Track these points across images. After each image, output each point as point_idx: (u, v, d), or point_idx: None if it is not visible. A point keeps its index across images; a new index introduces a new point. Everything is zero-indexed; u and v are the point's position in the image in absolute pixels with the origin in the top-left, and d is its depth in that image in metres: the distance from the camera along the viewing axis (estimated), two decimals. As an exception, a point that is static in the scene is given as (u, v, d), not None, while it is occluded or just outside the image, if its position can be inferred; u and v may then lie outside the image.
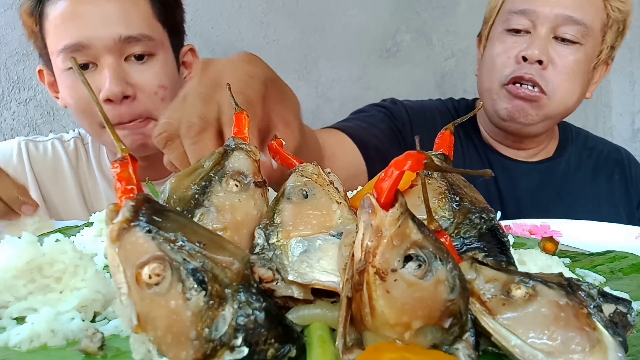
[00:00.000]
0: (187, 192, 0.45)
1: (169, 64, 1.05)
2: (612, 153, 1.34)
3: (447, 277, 0.34)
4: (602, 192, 1.28)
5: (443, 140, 0.54)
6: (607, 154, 1.33)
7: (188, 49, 1.14)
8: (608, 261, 0.62)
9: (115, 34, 0.96)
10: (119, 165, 0.35)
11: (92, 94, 0.38)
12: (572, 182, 1.27)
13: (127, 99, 0.98)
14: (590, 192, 1.27)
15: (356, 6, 2.01)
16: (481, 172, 0.35)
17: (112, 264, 0.33)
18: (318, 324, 0.38)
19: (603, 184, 1.29)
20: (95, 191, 1.14)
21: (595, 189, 1.28)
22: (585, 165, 1.30)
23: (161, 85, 1.02)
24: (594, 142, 1.37)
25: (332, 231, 0.42)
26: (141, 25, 1.00)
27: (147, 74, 1.00)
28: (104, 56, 0.97)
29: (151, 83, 1.00)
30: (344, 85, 2.02)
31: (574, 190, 1.26)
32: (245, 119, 0.53)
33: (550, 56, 1.12)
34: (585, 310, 0.36)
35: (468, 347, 0.35)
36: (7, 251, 0.45)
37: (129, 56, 0.99)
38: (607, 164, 1.31)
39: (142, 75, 1.00)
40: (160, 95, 1.01)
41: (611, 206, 1.27)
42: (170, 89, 1.03)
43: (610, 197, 1.28)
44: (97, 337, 0.37)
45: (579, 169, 1.30)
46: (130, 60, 0.99)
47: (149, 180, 0.81)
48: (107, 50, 0.97)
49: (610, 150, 1.36)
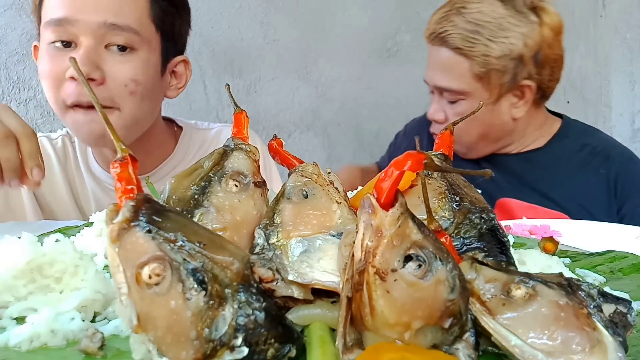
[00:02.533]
0: (186, 193, 0.45)
1: (150, 64, 1.05)
2: (607, 150, 1.35)
3: (447, 277, 0.34)
4: (584, 184, 1.31)
5: (443, 140, 0.54)
6: (600, 150, 1.35)
7: (181, 60, 1.14)
8: (608, 261, 0.62)
9: (101, 18, 0.98)
10: (119, 165, 0.35)
11: (92, 94, 0.38)
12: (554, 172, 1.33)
13: (92, 82, 0.98)
14: (572, 183, 1.31)
15: (356, 6, 2.01)
16: (481, 172, 0.35)
17: (112, 264, 0.33)
18: (318, 324, 0.38)
19: (588, 176, 1.32)
20: (83, 188, 1.15)
21: (578, 180, 1.32)
22: (575, 157, 1.34)
23: (134, 79, 1.01)
24: (594, 139, 1.39)
25: (332, 231, 0.42)
26: (130, 18, 1.01)
27: (123, 65, 1.00)
28: (85, 37, 0.98)
29: (124, 74, 1.00)
30: (344, 85, 2.02)
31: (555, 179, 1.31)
32: (244, 119, 0.53)
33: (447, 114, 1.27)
34: (585, 310, 0.36)
35: (468, 347, 0.35)
36: (7, 251, 0.45)
37: (111, 45, 1.00)
38: (596, 158, 1.33)
39: (118, 65, 1.00)
40: (130, 88, 1.01)
41: (590, 198, 1.30)
42: (144, 86, 1.03)
43: (591, 190, 1.31)
44: (97, 337, 0.37)
45: (566, 161, 1.34)
46: (111, 49, 1.00)
47: (148, 180, 0.81)
48: (90, 31, 0.98)
49: (607, 146, 1.37)
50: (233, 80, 1.88)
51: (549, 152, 1.35)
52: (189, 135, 1.25)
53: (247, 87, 1.91)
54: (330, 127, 2.03)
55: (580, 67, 2.29)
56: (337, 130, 2.03)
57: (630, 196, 1.28)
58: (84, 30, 0.98)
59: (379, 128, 2.04)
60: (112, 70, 0.99)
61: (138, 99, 1.02)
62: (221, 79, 1.87)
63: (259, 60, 1.91)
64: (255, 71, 1.91)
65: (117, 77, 1.00)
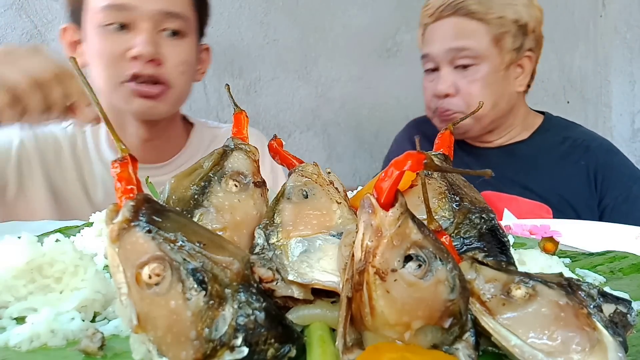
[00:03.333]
0: (186, 193, 0.45)
1: (193, 47, 1.16)
2: (588, 142, 1.37)
3: (447, 277, 0.34)
4: (563, 175, 1.34)
5: (443, 141, 0.54)
6: (580, 142, 1.37)
7: (205, 47, 1.25)
8: (608, 261, 0.62)
9: (158, 6, 1.07)
10: (119, 165, 0.35)
11: (92, 94, 0.38)
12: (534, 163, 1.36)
13: (152, 62, 1.07)
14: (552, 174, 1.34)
15: (356, 6, 2.01)
16: (481, 172, 0.35)
17: (112, 264, 0.33)
18: (318, 324, 0.38)
19: (567, 168, 1.34)
20: (92, 175, 1.19)
21: (558, 171, 1.34)
22: (556, 150, 1.37)
23: (185, 60, 1.12)
24: (575, 132, 1.42)
25: (332, 231, 0.42)
26: (182, 5, 1.11)
27: (176, 49, 1.10)
28: (143, 22, 1.06)
29: (177, 57, 1.10)
30: (344, 85, 2.02)
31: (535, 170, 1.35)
32: (244, 119, 0.53)
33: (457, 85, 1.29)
34: (585, 310, 0.36)
35: (468, 347, 0.35)
36: (7, 251, 0.45)
37: (162, 30, 1.08)
38: (577, 150, 1.36)
39: (172, 48, 1.09)
40: (182, 69, 1.11)
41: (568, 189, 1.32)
42: (191, 67, 1.15)
43: (569, 181, 1.33)
44: (97, 337, 0.37)
45: (546, 153, 1.37)
46: (162, 34, 1.09)
47: (148, 180, 0.81)
48: (148, 18, 1.06)
49: (587, 139, 1.39)
50: (233, 80, 1.88)
51: (531, 144, 1.39)
52: (200, 131, 1.31)
53: (247, 87, 1.91)
54: (330, 127, 2.02)
55: (580, 67, 2.29)
56: (337, 130, 2.03)
57: (610, 188, 1.31)
58: (142, 16, 1.06)
59: (379, 128, 2.04)
60: (167, 53, 1.09)
61: (186, 79, 1.14)
62: (221, 79, 1.87)
63: (259, 60, 1.91)
64: (255, 71, 1.91)
65: (172, 59, 1.09)
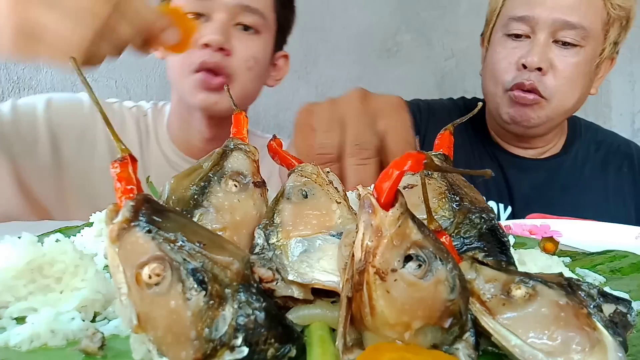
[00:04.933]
0: (186, 193, 0.45)
1: (266, 48, 1.15)
2: (622, 146, 1.34)
3: (447, 277, 0.34)
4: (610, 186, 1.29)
5: (443, 141, 0.54)
6: (616, 147, 1.33)
7: (283, 54, 1.25)
8: (608, 261, 0.62)
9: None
10: (119, 165, 0.35)
11: (92, 95, 0.38)
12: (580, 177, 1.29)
13: (221, 51, 1.06)
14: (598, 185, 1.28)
15: (356, 6, 2.01)
16: (481, 172, 0.35)
17: (112, 264, 0.33)
18: (318, 324, 0.38)
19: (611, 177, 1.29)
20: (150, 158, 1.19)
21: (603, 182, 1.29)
22: (593, 158, 1.31)
23: (254, 56, 1.11)
24: (604, 135, 1.37)
25: (332, 231, 0.42)
26: (261, 3, 1.11)
27: (247, 44, 1.10)
28: (219, 12, 1.07)
29: (247, 51, 1.10)
30: (344, 85, 2.02)
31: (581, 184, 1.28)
32: (243, 120, 0.53)
33: (550, 61, 1.15)
34: (585, 310, 0.36)
35: (468, 347, 0.35)
36: (7, 251, 0.45)
37: (240, 24, 1.09)
38: (615, 157, 1.31)
39: (243, 42, 1.09)
40: (249, 65, 1.10)
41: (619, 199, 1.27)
42: (260, 66, 1.13)
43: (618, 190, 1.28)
44: (97, 337, 0.37)
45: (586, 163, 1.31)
46: (238, 28, 1.09)
47: (149, 180, 0.81)
48: (225, 9, 1.07)
49: (620, 143, 1.36)
50: (233, 80, 1.87)
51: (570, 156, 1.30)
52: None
53: (247, 87, 1.91)
54: (330, 127, 2.02)
55: (580, 67, 2.29)
56: (337, 130, 2.03)
57: None
58: (220, 7, 1.07)
59: (379, 128, 2.04)
60: (237, 46, 1.09)
61: (252, 76, 1.12)
62: (221, 79, 1.86)
63: (259, 60, 1.91)
64: (255, 71, 1.91)
65: (240, 52, 1.09)
